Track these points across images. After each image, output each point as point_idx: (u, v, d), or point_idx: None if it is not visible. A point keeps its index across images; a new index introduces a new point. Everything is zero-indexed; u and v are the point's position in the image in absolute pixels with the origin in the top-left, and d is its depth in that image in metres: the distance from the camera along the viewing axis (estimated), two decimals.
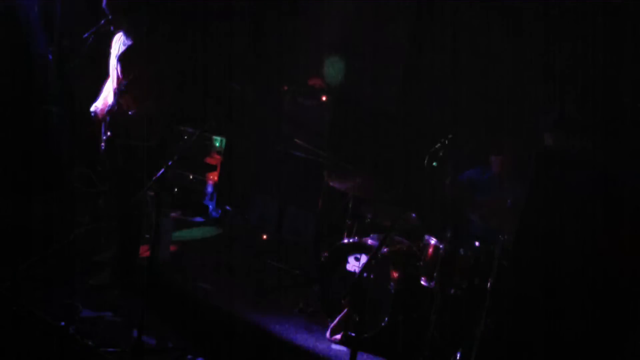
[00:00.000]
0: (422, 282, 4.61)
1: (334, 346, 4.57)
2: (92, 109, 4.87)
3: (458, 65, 5.88)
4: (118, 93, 4.71)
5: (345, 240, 5.03)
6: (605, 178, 3.33)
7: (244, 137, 6.89)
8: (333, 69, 6.29)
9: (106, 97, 4.88)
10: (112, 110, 4.72)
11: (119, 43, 4.82)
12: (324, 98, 6.38)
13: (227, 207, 6.78)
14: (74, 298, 4.45)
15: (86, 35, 5.48)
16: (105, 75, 4.96)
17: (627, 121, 4.88)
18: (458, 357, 4.41)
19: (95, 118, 4.84)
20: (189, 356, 4.09)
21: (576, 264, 3.44)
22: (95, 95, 4.99)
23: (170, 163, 4.05)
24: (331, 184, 5.22)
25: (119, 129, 4.69)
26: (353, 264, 4.74)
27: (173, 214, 5.61)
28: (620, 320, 3.34)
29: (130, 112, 4.62)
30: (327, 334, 4.65)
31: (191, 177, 6.64)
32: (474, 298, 4.56)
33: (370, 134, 6.26)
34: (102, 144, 4.79)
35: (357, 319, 4.54)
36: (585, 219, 3.40)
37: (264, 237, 6.51)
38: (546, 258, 3.54)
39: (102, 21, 5.36)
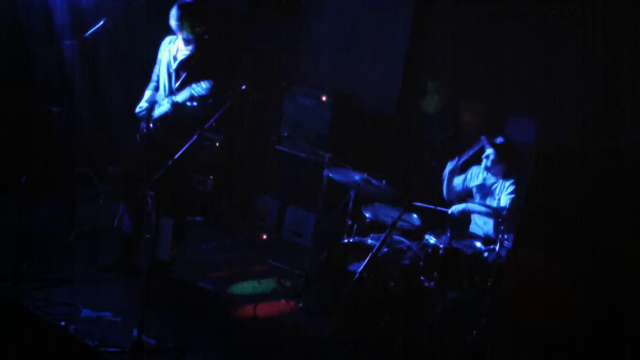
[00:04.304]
0: (422, 282, 4.61)
1: (334, 346, 4.57)
2: (138, 110, 5.04)
3: (459, 64, 5.89)
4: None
5: (345, 240, 5.03)
6: (606, 178, 3.33)
7: (244, 137, 6.89)
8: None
9: (152, 99, 5.05)
10: (166, 115, 4.92)
11: (173, 51, 5.01)
12: (324, 98, 6.38)
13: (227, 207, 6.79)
14: (74, 298, 4.45)
15: (87, 35, 5.50)
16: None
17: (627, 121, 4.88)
18: (458, 357, 4.41)
19: (144, 118, 5.00)
20: (189, 356, 4.09)
21: (577, 264, 3.44)
22: (93, 94, 5.01)
23: (170, 163, 4.04)
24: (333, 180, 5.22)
25: (171, 132, 4.84)
26: (353, 264, 4.74)
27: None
28: (621, 321, 3.35)
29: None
30: (327, 334, 4.64)
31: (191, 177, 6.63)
32: (474, 298, 4.57)
33: (371, 134, 6.27)
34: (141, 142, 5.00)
35: (357, 319, 4.55)
36: (585, 219, 3.40)
37: (264, 237, 6.52)
38: (546, 257, 3.54)
39: (102, 21, 5.38)
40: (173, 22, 4.89)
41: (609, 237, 3.33)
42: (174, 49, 5.02)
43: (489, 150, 4.98)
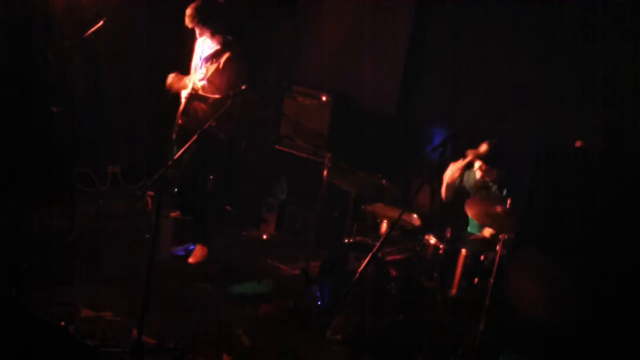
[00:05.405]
0: (422, 282, 4.61)
1: (334, 346, 4.57)
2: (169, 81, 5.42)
3: (458, 64, 5.89)
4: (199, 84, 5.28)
5: (345, 240, 5.03)
6: (606, 178, 3.33)
7: (244, 137, 6.89)
8: None
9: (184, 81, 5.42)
10: (190, 95, 5.31)
11: (203, 45, 5.38)
12: (324, 98, 6.38)
13: (227, 207, 6.78)
14: (74, 298, 4.45)
15: (87, 35, 5.50)
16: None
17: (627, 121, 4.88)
18: (458, 357, 4.40)
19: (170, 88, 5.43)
20: (189, 356, 4.09)
21: (577, 265, 3.44)
22: (93, 94, 5.06)
23: (170, 163, 4.04)
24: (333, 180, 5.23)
25: (194, 114, 5.24)
26: (354, 264, 4.74)
27: (173, 214, 5.60)
28: (622, 321, 3.35)
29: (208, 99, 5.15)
30: (327, 334, 4.64)
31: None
32: (474, 298, 4.56)
33: (371, 134, 6.27)
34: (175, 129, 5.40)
35: (357, 319, 4.55)
36: (585, 219, 3.40)
37: (264, 237, 6.52)
38: (547, 258, 3.54)
39: (102, 21, 5.38)
40: (188, 23, 5.20)
41: (610, 237, 3.33)
42: (205, 44, 5.37)
43: (477, 164, 4.98)
